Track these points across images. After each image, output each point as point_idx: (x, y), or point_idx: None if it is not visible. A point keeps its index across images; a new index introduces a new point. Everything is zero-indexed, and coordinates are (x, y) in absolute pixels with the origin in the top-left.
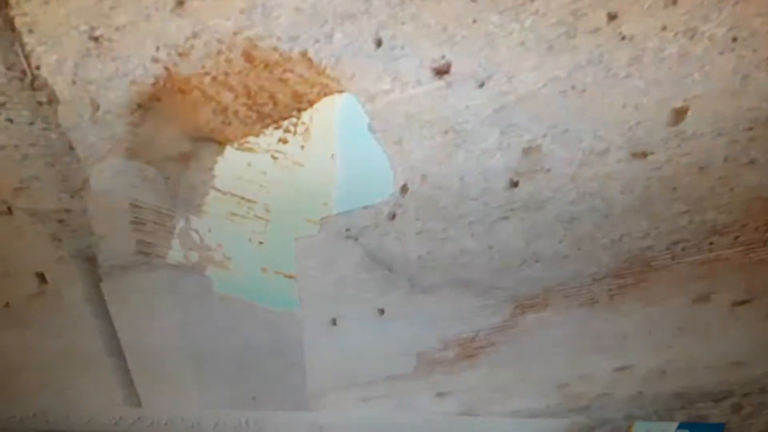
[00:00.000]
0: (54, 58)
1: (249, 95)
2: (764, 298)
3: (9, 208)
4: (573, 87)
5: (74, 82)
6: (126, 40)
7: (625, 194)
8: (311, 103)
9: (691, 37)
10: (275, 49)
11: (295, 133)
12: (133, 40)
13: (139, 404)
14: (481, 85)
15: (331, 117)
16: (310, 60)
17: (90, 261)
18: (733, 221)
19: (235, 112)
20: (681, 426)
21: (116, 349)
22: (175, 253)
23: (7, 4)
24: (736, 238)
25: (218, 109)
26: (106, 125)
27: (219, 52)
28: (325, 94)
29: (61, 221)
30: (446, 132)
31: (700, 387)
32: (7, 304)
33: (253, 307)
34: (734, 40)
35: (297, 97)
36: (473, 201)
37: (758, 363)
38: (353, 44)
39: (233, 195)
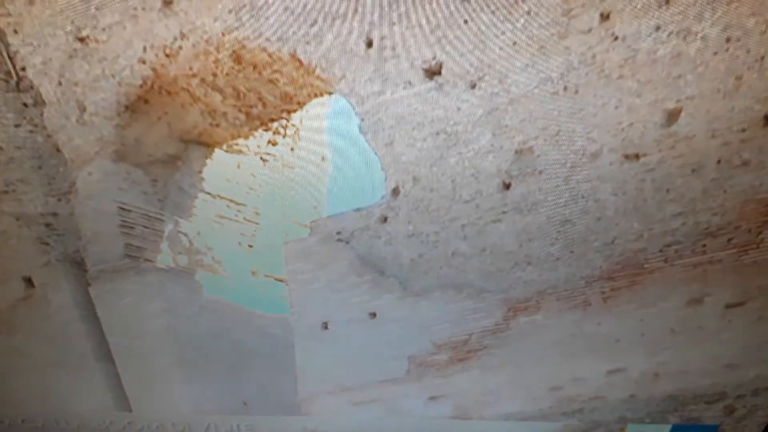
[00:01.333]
0: (39, 59)
1: (237, 97)
2: (758, 301)
3: None
4: (565, 88)
5: (60, 84)
6: (113, 41)
7: (617, 196)
8: (301, 105)
9: (685, 38)
10: (264, 49)
11: (284, 135)
12: (120, 40)
13: (129, 409)
14: (473, 86)
15: (321, 119)
16: (299, 61)
17: (78, 265)
18: (726, 223)
19: (224, 114)
20: (674, 428)
21: (105, 354)
22: (165, 257)
23: None
24: (730, 240)
25: (206, 110)
26: (93, 127)
27: (207, 53)
28: (315, 96)
29: (48, 225)
30: (438, 134)
31: (694, 389)
32: None
33: (243, 311)
34: (728, 40)
35: (286, 98)
36: (465, 203)
37: (751, 365)
38: (343, 45)
39: (222, 198)
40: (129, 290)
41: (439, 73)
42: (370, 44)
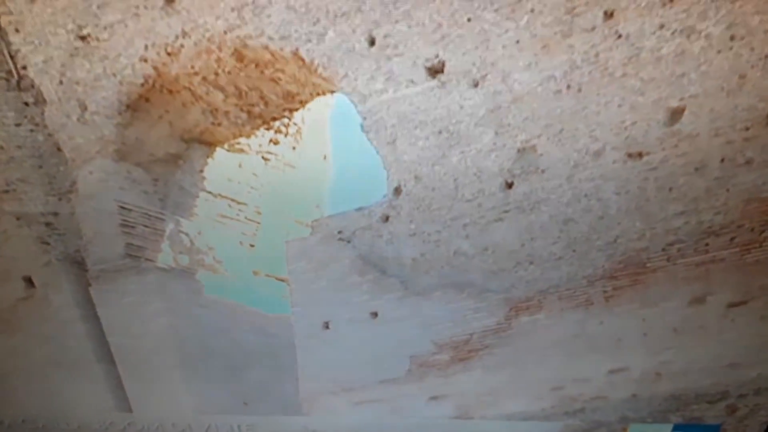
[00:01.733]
0: (41, 58)
1: (239, 95)
2: (760, 300)
3: None
4: (568, 86)
5: (61, 83)
6: (114, 40)
7: (620, 195)
8: (303, 104)
9: (689, 36)
10: (266, 48)
11: (286, 134)
12: (122, 39)
13: (129, 409)
14: (476, 84)
15: (323, 117)
16: (301, 59)
17: (78, 265)
18: (729, 222)
19: (226, 113)
20: (676, 428)
21: (106, 354)
22: (165, 257)
23: None
24: (732, 239)
25: (208, 109)
26: (93, 126)
27: (209, 51)
28: (317, 94)
29: (48, 224)
30: (440, 132)
31: (696, 389)
32: None
33: (244, 310)
34: (732, 38)
35: (288, 97)
36: (467, 202)
37: (753, 364)
38: (346, 43)
39: (223, 197)
40: (130, 290)
41: (442, 71)
42: (372, 42)
